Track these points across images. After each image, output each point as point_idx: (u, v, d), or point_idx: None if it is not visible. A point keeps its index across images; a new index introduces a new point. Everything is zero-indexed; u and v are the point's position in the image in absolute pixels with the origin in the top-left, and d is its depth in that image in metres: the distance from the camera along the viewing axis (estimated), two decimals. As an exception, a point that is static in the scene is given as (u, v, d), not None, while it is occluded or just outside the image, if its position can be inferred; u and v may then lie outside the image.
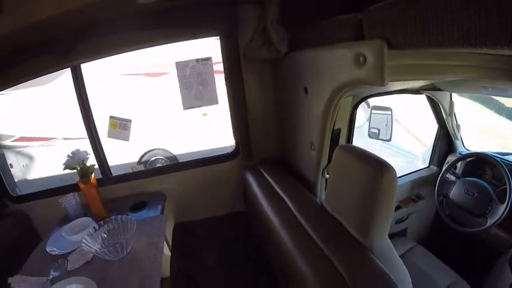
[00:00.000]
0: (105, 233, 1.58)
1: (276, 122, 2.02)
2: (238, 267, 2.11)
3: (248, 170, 1.99)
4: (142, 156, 4.43)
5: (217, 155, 2.23)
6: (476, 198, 2.06)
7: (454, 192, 2.18)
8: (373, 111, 2.30)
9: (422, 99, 2.37)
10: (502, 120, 8.37)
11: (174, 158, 4.50)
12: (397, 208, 2.25)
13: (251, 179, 1.90)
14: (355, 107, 1.86)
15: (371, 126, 2.31)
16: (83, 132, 1.91)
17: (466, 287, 1.96)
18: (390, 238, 2.07)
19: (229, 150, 2.19)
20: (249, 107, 1.97)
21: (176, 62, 1.92)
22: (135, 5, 1.49)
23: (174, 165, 2.33)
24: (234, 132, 2.09)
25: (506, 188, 1.97)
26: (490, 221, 1.98)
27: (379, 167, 1.12)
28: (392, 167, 1.13)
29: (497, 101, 9.74)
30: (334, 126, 1.65)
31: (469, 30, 0.71)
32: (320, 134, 1.53)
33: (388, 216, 1.20)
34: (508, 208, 1.93)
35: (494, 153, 2.24)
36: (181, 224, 2.10)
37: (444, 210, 2.26)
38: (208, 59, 1.96)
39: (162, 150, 4.48)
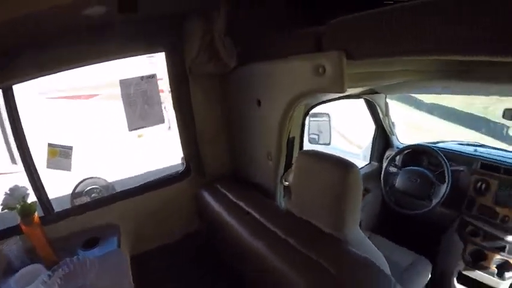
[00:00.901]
0: (60, 278, 1.40)
1: (227, 137, 2.04)
2: None
3: (203, 188, 1.96)
4: (75, 188, 4.07)
5: (167, 177, 2.15)
6: (419, 184, 2.42)
7: (399, 181, 2.52)
8: (311, 119, 2.40)
9: (349, 104, 2.66)
10: (423, 115, 9.52)
11: (111, 186, 4.17)
12: None
13: (208, 197, 1.89)
14: (306, 115, 1.99)
15: (310, 132, 2.43)
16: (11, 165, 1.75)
17: (425, 262, 2.22)
18: None
19: (179, 170, 2.14)
20: (197, 124, 1.94)
21: (120, 80, 1.82)
22: (76, 18, 1.38)
23: (122, 193, 2.13)
24: (183, 150, 2.04)
25: (444, 171, 2.33)
26: (434, 201, 2.36)
27: (344, 167, 1.24)
28: (356, 165, 1.26)
29: (416, 98, 11.08)
30: (289, 135, 1.72)
31: (427, 40, 0.87)
32: (277, 144, 1.61)
33: (357, 208, 1.32)
34: (448, 187, 2.29)
35: (426, 143, 2.67)
36: (138, 256, 1.95)
37: (392, 198, 2.58)
38: (153, 76, 1.87)
39: (96, 178, 4.15)
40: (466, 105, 9.80)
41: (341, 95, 2.08)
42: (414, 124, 7.46)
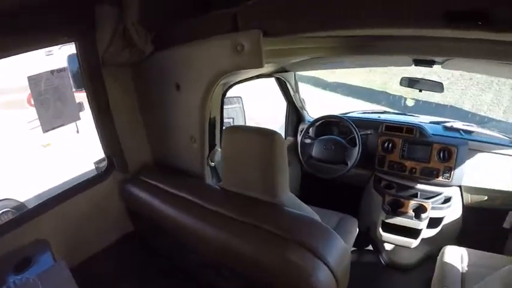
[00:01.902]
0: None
1: (148, 126, 2.00)
2: None
3: (129, 183, 1.93)
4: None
5: (89, 179, 1.99)
6: (334, 150, 2.73)
7: (316, 151, 2.80)
8: (225, 106, 2.52)
9: (253, 87, 2.86)
10: (328, 94, 10.22)
11: (24, 206, 3.80)
12: None
13: (136, 191, 1.85)
14: (224, 95, 2.11)
15: (225, 117, 2.47)
16: None
17: (351, 218, 2.55)
18: None
19: (102, 169, 2.03)
20: (116, 117, 1.86)
21: (28, 77, 1.64)
22: None
23: (43, 205, 1.86)
24: (103, 147, 1.95)
25: (354, 136, 2.65)
26: (349, 164, 2.72)
27: (269, 135, 1.38)
28: (279, 133, 1.40)
29: (322, 79, 11.86)
30: (210, 115, 1.76)
31: (329, 17, 1.06)
32: (200, 126, 1.65)
33: (286, 173, 1.46)
34: (359, 150, 2.63)
35: (336, 114, 2.97)
36: (79, 266, 1.83)
37: (311, 167, 2.85)
38: (64, 69, 1.76)
39: (6, 201, 3.74)
40: (367, 82, 10.45)
41: (257, 73, 2.23)
42: (320, 102, 8.02)
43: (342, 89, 10.86)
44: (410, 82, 2.64)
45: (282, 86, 2.88)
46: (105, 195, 1.99)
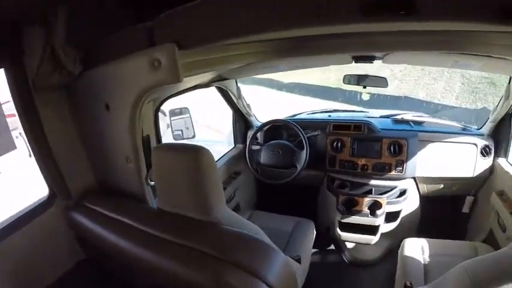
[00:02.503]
0: None
1: (86, 149, 1.92)
2: None
3: (73, 211, 1.82)
4: None
5: (31, 209, 1.83)
6: (281, 155, 2.67)
7: (263, 157, 2.73)
8: (172, 118, 2.52)
9: (211, 95, 2.82)
10: (284, 95, 10.34)
11: None
12: (223, 189, 2.62)
13: (80, 218, 1.78)
14: (157, 111, 2.05)
15: (174, 129, 2.52)
16: None
17: (307, 221, 2.55)
18: None
19: (44, 199, 1.88)
20: (52, 142, 1.77)
21: None
22: None
23: None
24: (43, 175, 1.84)
25: (301, 139, 2.60)
26: (299, 167, 2.66)
27: (196, 152, 1.31)
28: (206, 148, 1.33)
29: (278, 80, 12.00)
30: (143, 134, 1.73)
31: (243, 22, 1.01)
32: (132, 145, 1.59)
33: (219, 189, 1.40)
34: (307, 152, 2.59)
35: (284, 118, 2.95)
36: None
37: (261, 174, 2.79)
38: None
39: None
40: (323, 80, 10.73)
41: (193, 83, 2.16)
42: (277, 103, 8.07)
43: (299, 89, 11.02)
44: (353, 79, 2.63)
45: (224, 94, 2.80)
46: (51, 225, 1.86)
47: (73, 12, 1.47)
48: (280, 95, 10.25)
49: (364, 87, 2.62)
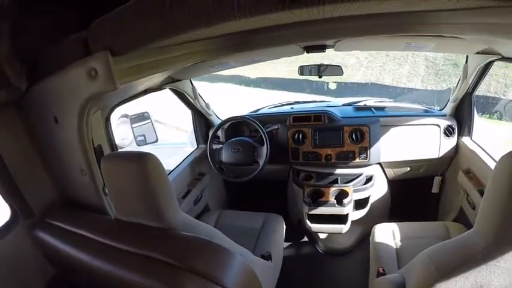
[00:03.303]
0: None
1: (43, 165, 1.87)
2: None
3: (37, 228, 1.78)
4: None
5: None
6: (242, 152, 2.61)
7: (225, 156, 2.66)
8: (133, 125, 2.47)
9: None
10: (251, 90, 10.40)
11: None
12: (189, 192, 2.59)
13: (44, 236, 1.75)
14: (107, 119, 1.97)
15: (136, 135, 2.48)
16: None
17: (275, 216, 2.51)
18: (198, 218, 2.29)
19: (5, 221, 1.81)
20: (7, 160, 1.71)
21: None
22: None
23: None
24: (3, 196, 1.78)
25: (261, 135, 2.54)
26: (261, 162, 2.55)
27: (141, 160, 1.29)
28: (152, 154, 1.31)
29: (243, 75, 12.04)
30: (94, 144, 1.69)
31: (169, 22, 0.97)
32: (84, 157, 1.56)
33: (170, 193, 1.38)
34: (268, 147, 2.54)
35: (248, 113, 2.93)
36: None
37: (225, 173, 2.76)
38: None
39: None
40: (289, 73, 10.90)
41: (143, 88, 2.12)
42: (243, 100, 8.05)
43: (266, 83, 11.10)
44: (308, 70, 2.58)
45: (180, 96, 2.71)
46: (17, 245, 1.80)
47: (17, 24, 1.43)
48: (247, 91, 10.26)
49: (320, 76, 2.56)
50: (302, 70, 2.62)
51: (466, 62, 2.21)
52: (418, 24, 1.36)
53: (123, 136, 4.92)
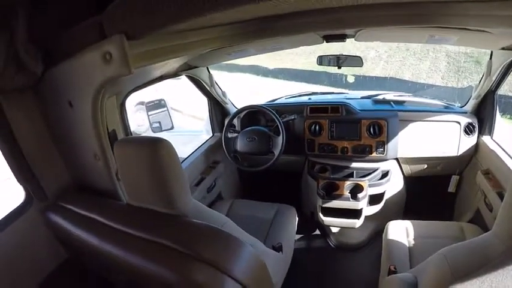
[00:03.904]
0: None
1: (57, 149, 1.88)
2: None
3: (50, 211, 1.79)
4: None
5: (8, 214, 1.80)
6: (257, 141, 2.57)
7: (240, 145, 2.63)
8: (149, 112, 2.48)
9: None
10: (270, 81, 10.35)
11: None
12: (202, 180, 2.57)
13: (57, 219, 1.75)
14: (122, 105, 1.96)
15: (152, 122, 2.49)
16: None
17: (288, 207, 2.47)
18: (210, 206, 2.30)
19: (19, 203, 1.85)
20: (23, 144, 1.74)
21: None
22: None
23: None
24: (17, 178, 1.81)
25: (278, 125, 2.50)
26: (276, 152, 2.53)
27: (154, 145, 1.28)
28: (165, 139, 1.30)
29: (263, 66, 12.02)
30: (108, 129, 1.69)
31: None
32: (98, 142, 1.56)
33: (181, 180, 1.36)
34: (284, 137, 2.49)
35: (265, 103, 2.89)
36: None
37: (240, 162, 2.72)
38: None
39: None
40: (308, 65, 10.85)
41: (159, 74, 2.11)
42: (260, 90, 8.03)
43: (284, 75, 11.09)
44: (327, 60, 2.53)
45: (196, 82, 2.68)
46: (30, 228, 1.83)
47: (33, 9, 1.44)
48: (265, 81, 10.23)
49: (339, 67, 2.50)
50: (321, 60, 2.57)
51: (491, 58, 2.13)
52: (442, 16, 1.31)
53: (140, 123, 4.97)
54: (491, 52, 2.10)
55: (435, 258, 1.22)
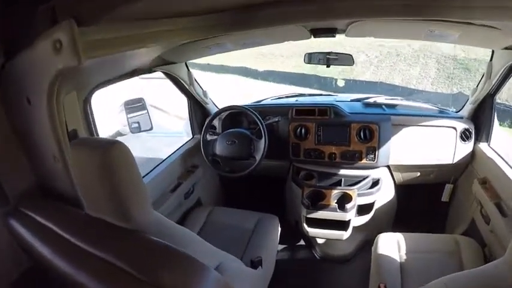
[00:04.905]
0: None
1: (17, 148, 1.65)
2: None
3: (11, 217, 1.60)
4: None
5: None
6: (238, 145, 2.37)
7: (218, 148, 2.42)
8: (128, 111, 2.32)
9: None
10: (259, 83, 10.40)
11: None
12: (179, 185, 2.36)
13: (17, 226, 1.57)
14: (86, 102, 1.77)
15: (130, 122, 2.31)
16: None
17: (271, 217, 2.30)
18: (188, 213, 2.39)
19: None
20: None
21: None
22: None
23: None
24: None
25: (260, 127, 2.31)
26: (258, 157, 2.34)
27: (107, 148, 1.13)
28: (120, 142, 1.13)
29: (251, 68, 12.03)
30: (68, 129, 1.52)
31: None
32: (57, 143, 1.35)
33: (139, 189, 1.20)
34: (266, 141, 2.31)
35: (249, 104, 2.70)
36: None
37: (219, 167, 2.51)
38: None
39: None
40: (297, 68, 10.91)
41: (129, 69, 1.92)
42: (249, 93, 7.94)
43: (274, 77, 11.14)
44: (316, 57, 2.34)
45: (174, 80, 2.47)
46: None
47: None
48: (255, 84, 10.21)
49: (328, 66, 2.31)
50: (310, 57, 2.37)
51: (491, 60, 1.98)
52: (445, 7, 1.19)
53: (125, 123, 4.81)
54: (492, 53, 1.96)
55: (436, 285, 1.07)
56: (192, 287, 0.99)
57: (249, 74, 11.20)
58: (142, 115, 2.37)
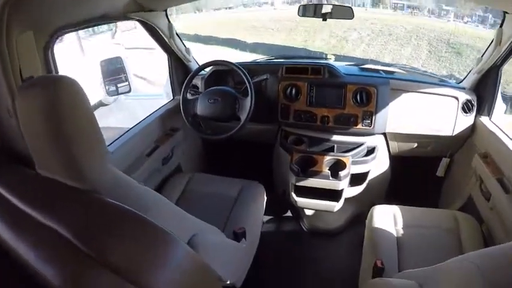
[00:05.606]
0: None
1: None
2: None
3: None
4: None
5: None
6: (221, 103, 2.12)
7: (200, 107, 2.16)
8: (103, 70, 2.15)
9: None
10: (247, 55, 10.33)
11: None
12: (156, 148, 2.17)
13: None
14: (47, 48, 1.50)
15: (107, 84, 2.14)
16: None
17: (255, 184, 2.14)
18: (166, 180, 2.22)
19: None
20: None
21: None
22: None
23: None
24: None
25: (247, 86, 2.07)
26: (243, 117, 2.07)
27: (49, 83, 0.93)
28: (70, 78, 0.94)
29: (240, 40, 11.95)
30: (22, 76, 1.28)
31: None
32: (9, 91, 1.20)
33: (93, 137, 1.00)
34: (252, 99, 2.06)
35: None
36: None
37: (201, 129, 2.28)
38: None
39: None
40: (288, 41, 10.75)
41: (99, 13, 1.69)
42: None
43: (262, 49, 11.01)
44: (311, 9, 2.14)
45: (152, 31, 2.20)
46: None
47: None
48: (242, 55, 10.14)
49: (324, 19, 2.09)
50: (304, 10, 2.16)
51: (501, 25, 1.80)
52: None
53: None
54: (504, 17, 1.78)
55: (463, 266, 0.90)
56: (150, 265, 0.80)
57: (237, 46, 11.17)
58: (120, 77, 2.18)
